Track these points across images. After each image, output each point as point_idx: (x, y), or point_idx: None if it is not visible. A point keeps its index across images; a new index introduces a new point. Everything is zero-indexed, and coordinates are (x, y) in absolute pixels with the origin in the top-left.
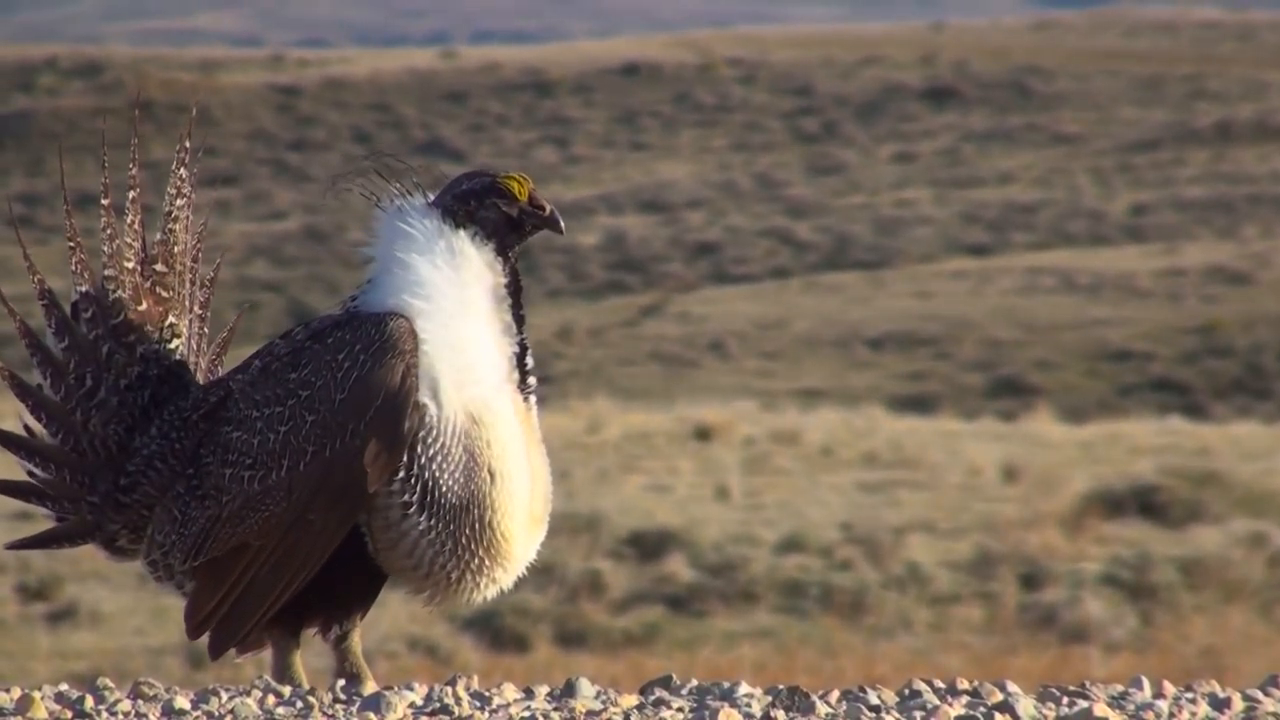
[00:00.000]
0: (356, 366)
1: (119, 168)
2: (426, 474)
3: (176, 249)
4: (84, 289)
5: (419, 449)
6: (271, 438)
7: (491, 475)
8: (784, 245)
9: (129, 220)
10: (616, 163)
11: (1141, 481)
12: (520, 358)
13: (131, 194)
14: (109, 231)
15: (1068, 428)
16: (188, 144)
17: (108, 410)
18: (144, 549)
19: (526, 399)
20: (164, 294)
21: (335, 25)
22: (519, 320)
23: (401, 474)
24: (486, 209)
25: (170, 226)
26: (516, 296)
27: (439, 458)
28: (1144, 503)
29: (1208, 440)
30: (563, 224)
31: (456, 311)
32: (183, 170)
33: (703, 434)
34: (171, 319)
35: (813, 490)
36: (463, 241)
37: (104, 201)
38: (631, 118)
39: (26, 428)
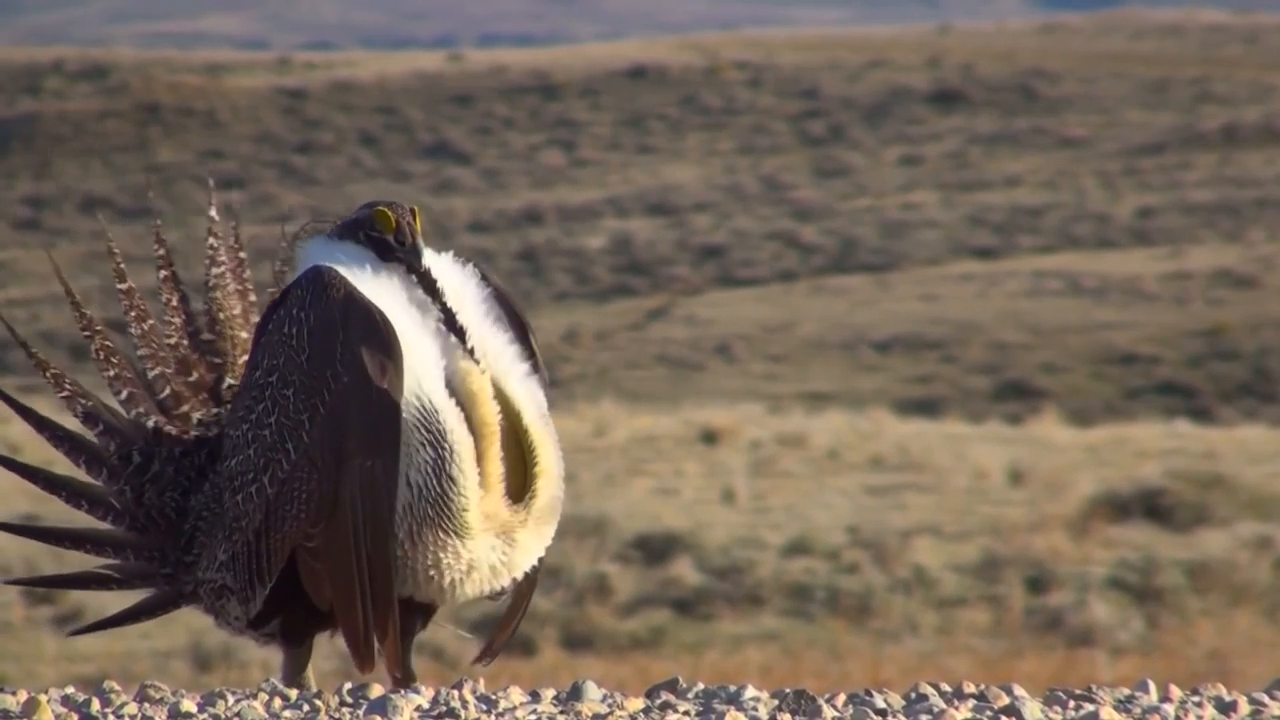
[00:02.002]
0: (306, 320)
1: (128, 170)
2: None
3: (222, 315)
4: (112, 373)
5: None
6: (266, 434)
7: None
8: (790, 248)
9: (165, 299)
10: (623, 165)
11: (1148, 485)
12: (451, 325)
13: (162, 273)
14: (135, 314)
15: (1074, 431)
16: (214, 214)
17: (163, 481)
18: (215, 606)
19: (483, 369)
20: (215, 360)
21: (342, 28)
22: (435, 295)
23: None
24: (369, 235)
25: (212, 296)
26: (428, 282)
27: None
28: (1150, 506)
29: (1214, 443)
30: (420, 262)
31: (365, 278)
32: (213, 240)
33: (709, 437)
34: (229, 380)
35: (819, 493)
36: (357, 251)
37: (121, 286)
38: (638, 120)
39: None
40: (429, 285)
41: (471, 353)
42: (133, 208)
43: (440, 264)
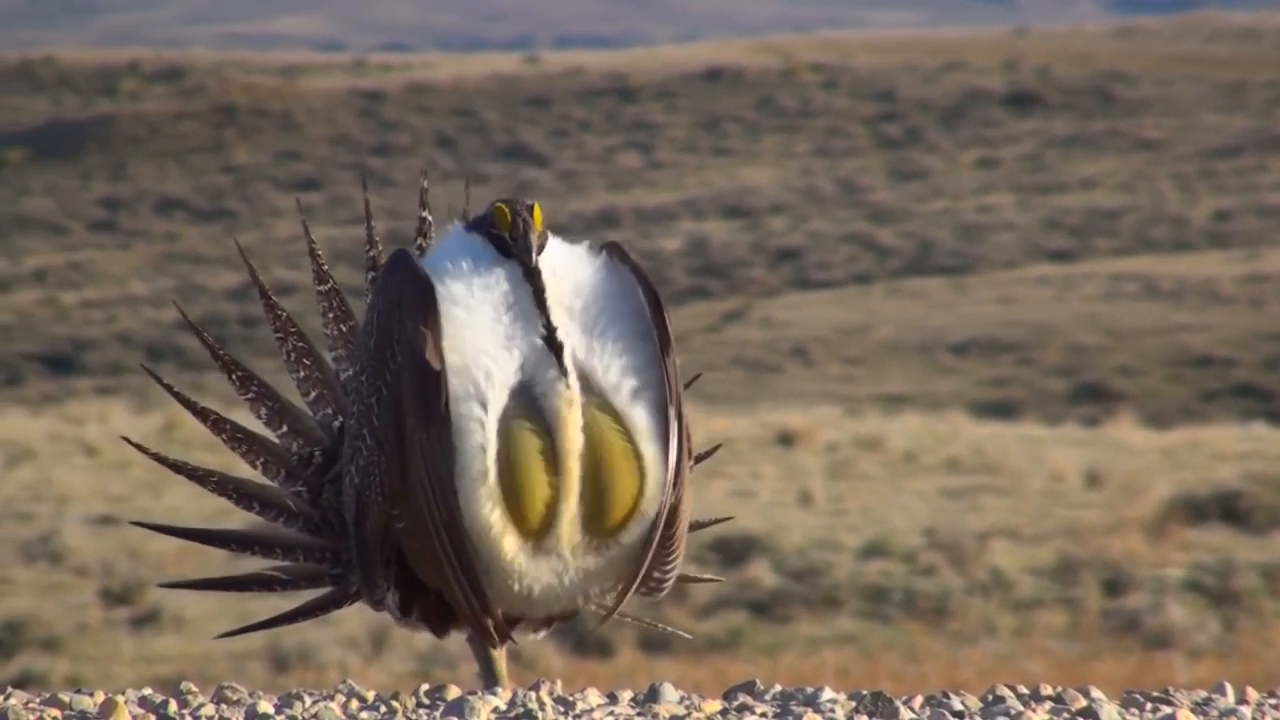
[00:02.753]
0: (375, 305)
1: (203, 172)
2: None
3: None
4: (303, 374)
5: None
6: (352, 423)
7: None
8: (866, 251)
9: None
10: (699, 168)
11: (1224, 488)
12: (550, 340)
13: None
14: (333, 314)
15: (1150, 434)
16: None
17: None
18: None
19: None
20: None
21: (417, 29)
22: (542, 305)
23: None
24: (490, 232)
25: None
26: (538, 287)
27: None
28: (1227, 509)
29: None
30: (531, 258)
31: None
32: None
33: (786, 439)
34: None
35: (896, 496)
36: (476, 246)
37: (321, 288)
38: (714, 123)
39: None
40: (538, 291)
41: (565, 372)
42: (208, 209)
43: (564, 258)
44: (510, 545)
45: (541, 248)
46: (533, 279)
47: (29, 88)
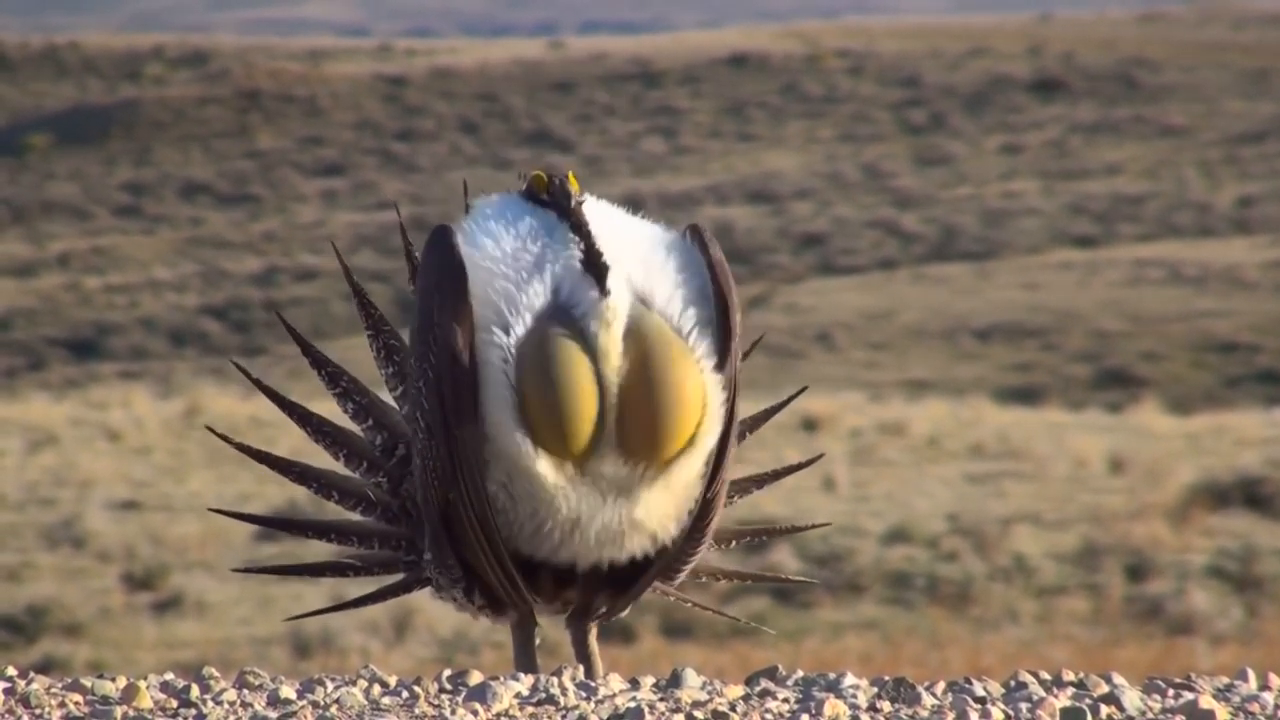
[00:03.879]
0: (417, 286)
1: (228, 157)
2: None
3: None
4: (391, 370)
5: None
6: (406, 408)
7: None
8: (891, 236)
9: None
10: (724, 153)
11: (1247, 473)
12: (591, 264)
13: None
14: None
15: (1174, 419)
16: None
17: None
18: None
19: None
20: None
21: (442, 15)
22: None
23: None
24: (533, 199)
25: None
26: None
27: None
28: (1250, 494)
29: None
30: (569, 204)
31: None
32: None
33: (810, 425)
34: None
35: (919, 481)
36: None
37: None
38: (739, 108)
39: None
40: (576, 225)
41: (606, 293)
42: (232, 194)
43: (620, 219)
44: (549, 470)
45: (579, 205)
46: (570, 216)
47: (54, 73)
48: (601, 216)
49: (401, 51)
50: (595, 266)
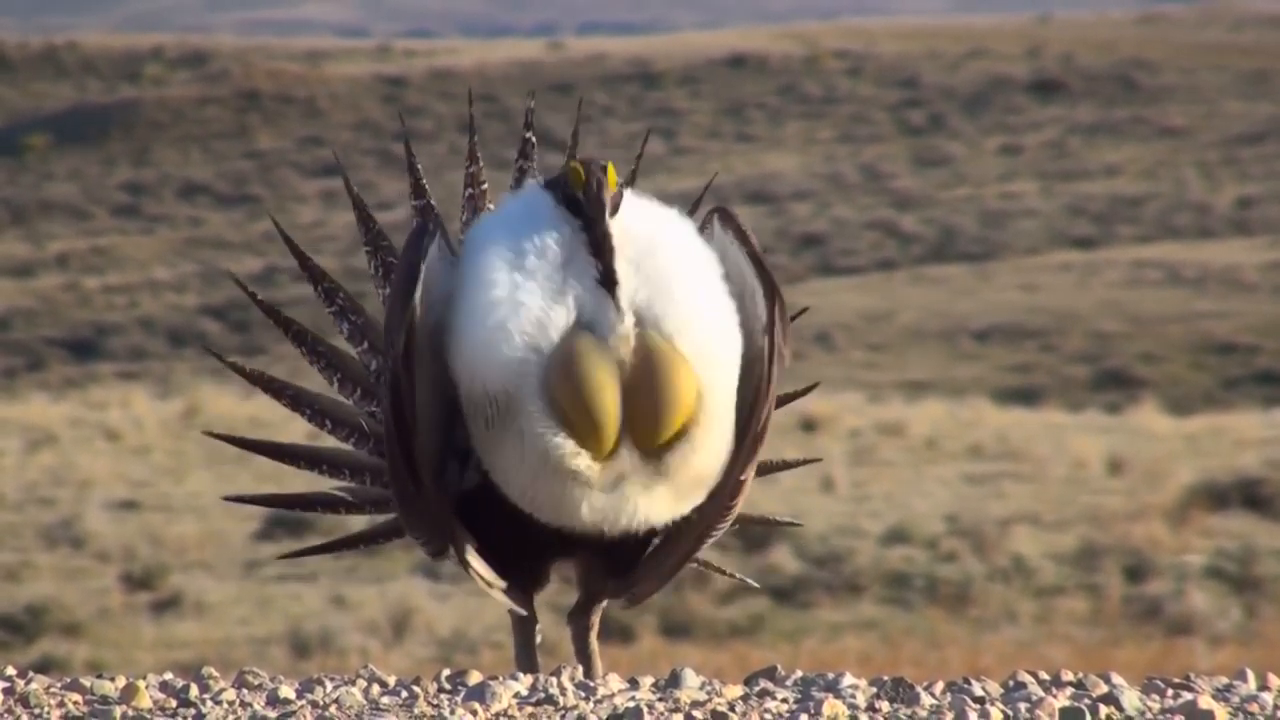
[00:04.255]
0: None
1: (227, 157)
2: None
3: None
4: (386, 292)
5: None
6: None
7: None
8: (890, 237)
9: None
10: (722, 154)
11: (1246, 474)
12: (607, 281)
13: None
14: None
15: (1173, 420)
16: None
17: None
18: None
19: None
20: None
21: (441, 16)
22: (601, 253)
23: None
24: (566, 192)
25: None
26: (600, 237)
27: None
28: (1249, 495)
29: None
30: (604, 216)
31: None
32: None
33: (808, 425)
34: None
35: (918, 482)
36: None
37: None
38: (738, 109)
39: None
40: (598, 241)
41: (620, 311)
42: (231, 195)
43: (646, 216)
44: (585, 465)
45: (616, 206)
46: (597, 233)
47: (53, 73)
48: (633, 216)
49: (400, 52)
50: (610, 286)
